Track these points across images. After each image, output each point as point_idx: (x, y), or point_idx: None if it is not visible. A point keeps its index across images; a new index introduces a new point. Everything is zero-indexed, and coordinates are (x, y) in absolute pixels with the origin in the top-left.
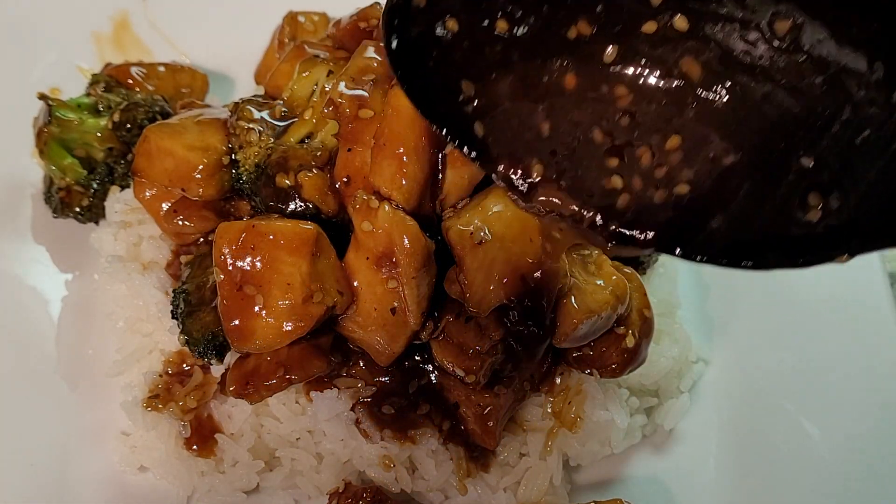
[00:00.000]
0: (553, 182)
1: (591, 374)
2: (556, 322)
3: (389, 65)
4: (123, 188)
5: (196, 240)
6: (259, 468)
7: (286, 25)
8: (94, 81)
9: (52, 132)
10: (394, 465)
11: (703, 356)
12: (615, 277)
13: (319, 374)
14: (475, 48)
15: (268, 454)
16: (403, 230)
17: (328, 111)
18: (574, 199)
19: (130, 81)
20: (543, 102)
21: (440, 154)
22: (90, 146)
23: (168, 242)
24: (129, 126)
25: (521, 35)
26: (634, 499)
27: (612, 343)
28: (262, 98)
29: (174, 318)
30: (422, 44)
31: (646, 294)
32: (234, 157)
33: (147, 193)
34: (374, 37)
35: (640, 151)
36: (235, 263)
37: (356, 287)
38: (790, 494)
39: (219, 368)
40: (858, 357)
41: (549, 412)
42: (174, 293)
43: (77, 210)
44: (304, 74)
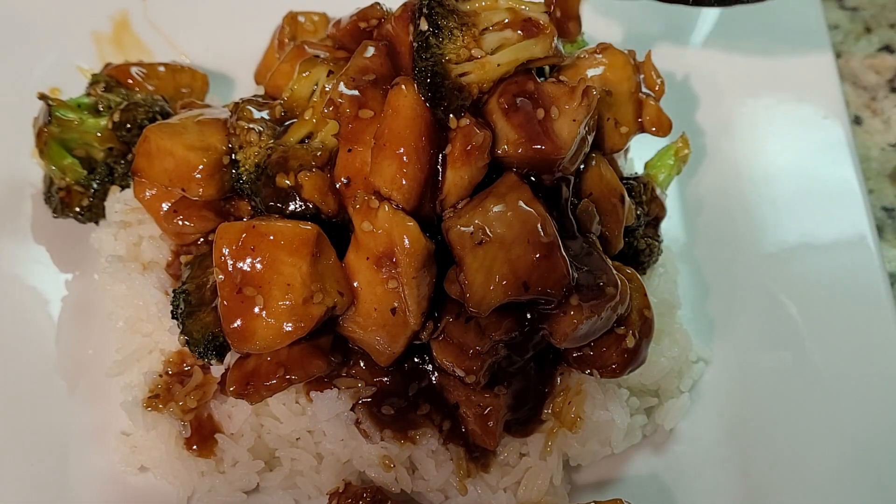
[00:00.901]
0: None
1: (591, 375)
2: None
3: None
4: (123, 188)
5: (196, 240)
6: (259, 468)
7: (286, 25)
8: (94, 81)
9: (52, 132)
10: (394, 466)
11: (703, 356)
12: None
13: (319, 375)
14: None
15: (268, 454)
16: (403, 230)
17: (328, 111)
18: None
19: (130, 81)
20: None
21: (440, 154)
22: (90, 146)
23: (168, 242)
24: (129, 126)
25: None
26: (634, 499)
27: (612, 343)
28: (262, 98)
29: (174, 319)
30: None
31: (646, 294)
32: (234, 157)
33: (147, 193)
34: (374, 37)
35: None
36: (236, 264)
37: (356, 287)
38: (790, 494)
39: (219, 368)
40: (858, 357)
41: (549, 412)
42: (174, 293)
43: (77, 210)
44: (304, 74)
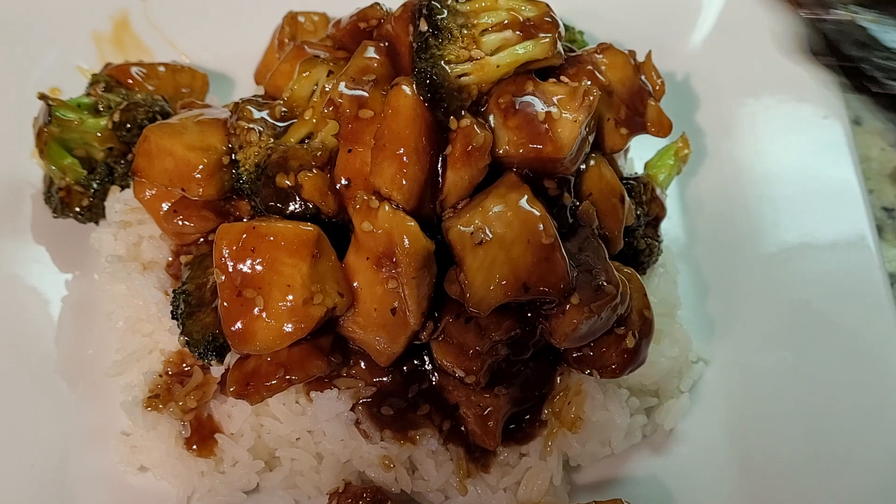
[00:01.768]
0: None
1: (591, 375)
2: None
3: None
4: (123, 188)
5: (196, 240)
6: (259, 468)
7: (286, 25)
8: (94, 81)
9: (52, 132)
10: (394, 466)
11: (703, 356)
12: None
13: (319, 375)
14: None
15: (268, 454)
16: (403, 230)
17: (328, 111)
18: None
19: (130, 81)
20: None
21: (440, 154)
22: (90, 146)
23: (168, 242)
24: (129, 126)
25: None
26: (634, 499)
27: (612, 343)
28: (262, 98)
29: (174, 319)
30: None
31: (646, 294)
32: (234, 157)
33: (147, 193)
34: (374, 37)
35: None
36: (236, 265)
37: (356, 287)
38: (790, 494)
39: (219, 368)
40: (858, 357)
41: (549, 412)
42: (174, 293)
43: (77, 210)
44: (304, 74)
